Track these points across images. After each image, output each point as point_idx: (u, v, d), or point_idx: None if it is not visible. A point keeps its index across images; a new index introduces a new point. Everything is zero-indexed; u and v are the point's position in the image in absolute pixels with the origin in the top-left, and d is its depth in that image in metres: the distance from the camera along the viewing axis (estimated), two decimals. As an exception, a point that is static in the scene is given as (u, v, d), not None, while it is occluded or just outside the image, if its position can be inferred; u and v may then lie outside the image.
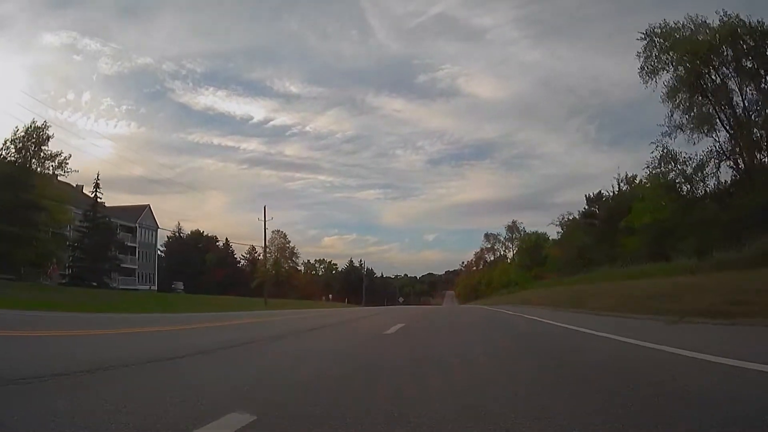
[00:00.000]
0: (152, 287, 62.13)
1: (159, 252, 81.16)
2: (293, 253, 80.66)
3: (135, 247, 61.61)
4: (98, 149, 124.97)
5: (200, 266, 74.46)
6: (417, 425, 1.94)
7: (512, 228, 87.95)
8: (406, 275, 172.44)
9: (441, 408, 2.27)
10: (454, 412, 2.19)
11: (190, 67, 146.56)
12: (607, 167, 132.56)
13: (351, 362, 4.28)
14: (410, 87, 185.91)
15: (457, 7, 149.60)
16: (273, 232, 79.94)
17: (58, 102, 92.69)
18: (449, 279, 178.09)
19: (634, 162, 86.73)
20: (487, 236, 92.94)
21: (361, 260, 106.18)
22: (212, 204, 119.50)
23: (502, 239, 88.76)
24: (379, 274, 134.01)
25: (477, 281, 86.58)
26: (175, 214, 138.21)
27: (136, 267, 61.36)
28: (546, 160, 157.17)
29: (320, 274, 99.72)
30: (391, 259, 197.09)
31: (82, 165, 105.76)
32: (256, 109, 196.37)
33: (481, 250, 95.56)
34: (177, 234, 78.67)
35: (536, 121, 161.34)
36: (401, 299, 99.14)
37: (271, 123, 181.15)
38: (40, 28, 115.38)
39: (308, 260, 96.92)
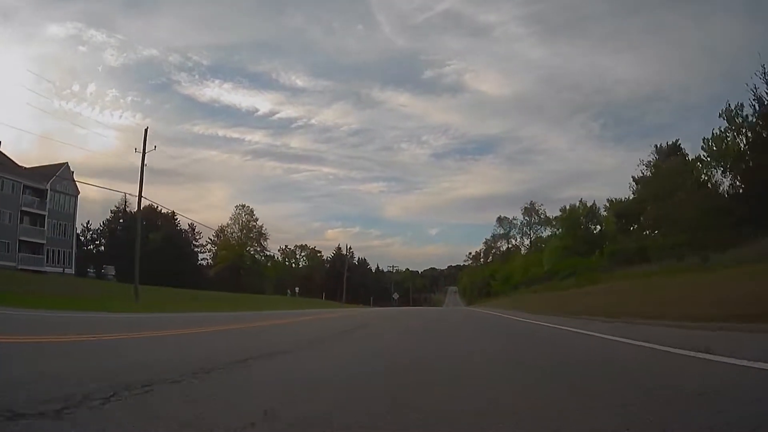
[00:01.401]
0: (67, 269, 47.59)
1: (99, 228, 67.72)
2: (261, 234, 65.65)
3: (44, 216, 47.00)
4: (103, 140, 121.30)
5: (146, 248, 59.73)
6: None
7: (530, 210, 72.77)
8: (407, 269, 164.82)
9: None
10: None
11: (196, 59, 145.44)
12: (610, 164, 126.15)
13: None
14: (416, 82, 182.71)
15: (464, 4, 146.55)
16: (236, 207, 65.31)
17: (63, 93, 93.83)
18: (452, 274, 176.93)
19: (637, 160, 76.63)
20: (500, 220, 77.44)
21: (348, 246, 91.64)
22: (215, 195, 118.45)
23: (519, 224, 73.54)
24: (375, 267, 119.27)
25: (488, 275, 70.84)
26: (177, 206, 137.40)
27: (44, 242, 46.72)
28: (550, 156, 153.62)
29: (300, 264, 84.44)
30: (393, 253, 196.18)
31: (86, 155, 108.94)
32: (261, 102, 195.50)
33: (493, 237, 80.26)
34: (122, 209, 63.82)
35: (540, 117, 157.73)
36: (396, 296, 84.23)
37: (277, 115, 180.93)
38: (44, 19, 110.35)
39: (285, 246, 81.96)
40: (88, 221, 67.21)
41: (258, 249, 65.16)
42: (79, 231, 63.17)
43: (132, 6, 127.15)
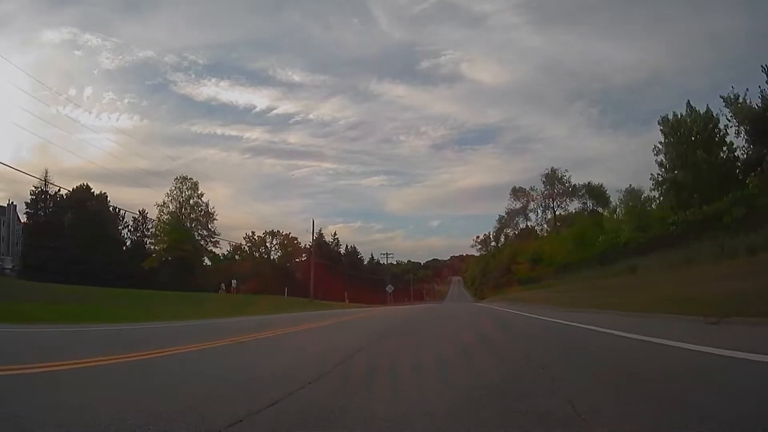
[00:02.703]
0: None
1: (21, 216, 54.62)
2: (209, 215, 52.00)
3: None
4: (100, 143, 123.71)
5: (61, 236, 46.52)
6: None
7: (552, 177, 59.15)
8: (409, 261, 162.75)
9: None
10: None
11: (192, 59, 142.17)
12: (610, 150, 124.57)
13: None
14: (413, 73, 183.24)
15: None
16: (175, 179, 51.59)
17: (59, 98, 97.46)
18: (454, 264, 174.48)
19: (637, 146, 78.51)
20: (515, 192, 63.58)
21: (314, 223, 78.63)
22: (215, 195, 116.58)
23: (539, 194, 59.78)
24: (369, 257, 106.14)
25: (509, 258, 55.87)
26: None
27: None
28: (549, 144, 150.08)
29: (269, 255, 70.57)
30: (395, 246, 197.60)
31: (85, 159, 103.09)
32: (258, 99, 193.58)
33: (508, 214, 66.65)
34: (41, 190, 50.04)
35: (539, 105, 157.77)
36: (391, 288, 71.39)
37: (274, 111, 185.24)
38: (40, 25, 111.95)
39: (252, 233, 68.21)
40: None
41: (205, 234, 51.63)
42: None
43: (127, 8, 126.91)
